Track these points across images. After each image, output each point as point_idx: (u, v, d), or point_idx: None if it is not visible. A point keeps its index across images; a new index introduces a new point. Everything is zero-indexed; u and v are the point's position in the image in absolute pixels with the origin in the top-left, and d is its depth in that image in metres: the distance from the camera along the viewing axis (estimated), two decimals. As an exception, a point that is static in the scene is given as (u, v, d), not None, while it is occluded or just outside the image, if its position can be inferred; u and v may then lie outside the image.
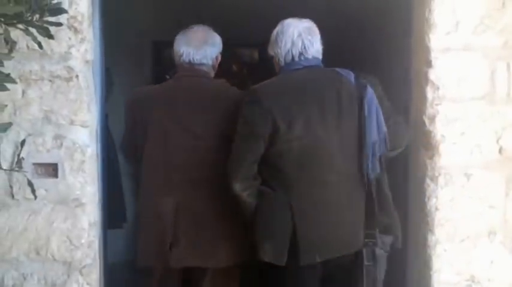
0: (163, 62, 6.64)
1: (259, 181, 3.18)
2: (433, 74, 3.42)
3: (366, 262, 3.18)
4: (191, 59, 3.47)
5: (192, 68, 3.48)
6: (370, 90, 3.13)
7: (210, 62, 3.53)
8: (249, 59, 7.72)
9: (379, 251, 3.20)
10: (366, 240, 3.17)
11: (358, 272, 3.17)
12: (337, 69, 3.21)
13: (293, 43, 3.22)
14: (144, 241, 3.45)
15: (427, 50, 3.43)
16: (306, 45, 3.21)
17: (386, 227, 3.22)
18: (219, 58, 3.61)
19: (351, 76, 3.18)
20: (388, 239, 3.25)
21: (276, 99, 3.10)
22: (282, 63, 3.27)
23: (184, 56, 3.48)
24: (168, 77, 4.02)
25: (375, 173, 3.16)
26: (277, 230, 3.13)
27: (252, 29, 6.04)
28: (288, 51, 3.23)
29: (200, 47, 3.49)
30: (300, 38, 3.22)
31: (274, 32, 3.32)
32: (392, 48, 4.10)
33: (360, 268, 3.16)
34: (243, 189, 3.16)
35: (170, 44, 4.84)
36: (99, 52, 3.47)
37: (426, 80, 3.44)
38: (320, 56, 3.26)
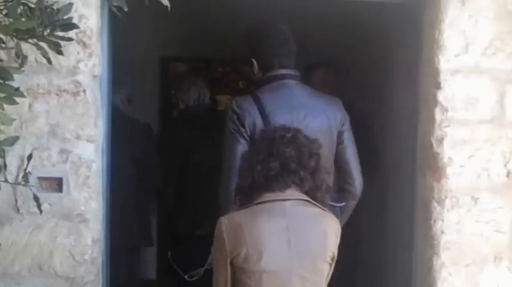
0: (168, 77, 6.67)
1: None
2: (441, 96, 3.41)
3: None
4: None
5: None
6: None
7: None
8: (255, 76, 7.76)
9: None
10: None
11: None
12: None
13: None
14: None
15: (436, 72, 3.42)
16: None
17: None
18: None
19: None
20: None
21: None
22: None
23: None
24: (173, 92, 4.71)
25: None
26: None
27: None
28: None
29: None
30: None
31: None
32: (401, 69, 4.09)
33: None
34: None
35: (176, 59, 4.82)
36: (107, 67, 3.45)
37: (435, 101, 3.43)
38: None
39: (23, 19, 1.97)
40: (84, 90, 3.20)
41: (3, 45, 2.19)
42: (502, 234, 3.49)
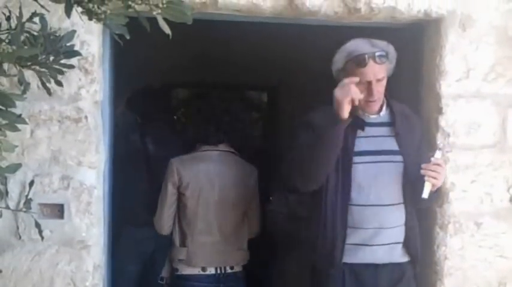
0: (171, 104, 6.66)
1: None
2: (443, 121, 3.41)
3: None
4: None
5: None
6: None
7: None
8: (258, 102, 7.76)
9: None
10: None
11: None
12: None
13: None
14: None
15: (437, 97, 3.43)
16: None
17: None
18: None
19: None
20: None
21: None
22: None
23: None
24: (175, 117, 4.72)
25: None
26: None
27: (261, 73, 6.08)
28: None
29: None
30: None
31: None
32: (402, 94, 4.07)
33: None
34: None
35: (178, 85, 4.84)
36: (109, 93, 3.46)
37: (436, 127, 3.43)
38: None
39: (26, 47, 1.96)
40: (86, 117, 3.19)
41: (5, 72, 2.18)
42: (506, 259, 3.47)
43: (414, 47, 3.68)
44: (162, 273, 3.84)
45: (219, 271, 3.73)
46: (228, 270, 3.75)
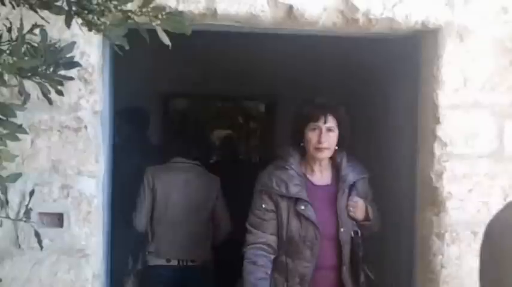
0: (170, 113, 6.68)
1: None
2: (440, 131, 3.43)
3: None
4: None
5: None
6: None
7: None
8: (255, 112, 7.78)
9: None
10: None
11: None
12: None
13: None
14: None
15: (434, 107, 3.44)
16: None
17: None
18: None
19: None
20: None
21: None
22: None
23: None
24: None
25: None
26: None
27: (259, 82, 6.09)
28: None
29: None
30: None
31: None
32: (400, 104, 4.10)
33: None
34: None
35: (177, 95, 4.87)
36: (108, 103, 3.48)
37: (434, 136, 3.44)
38: None
39: (27, 58, 1.98)
40: (86, 126, 3.21)
41: (6, 82, 2.20)
42: (503, 269, 3.47)
43: (412, 57, 3.70)
44: (138, 264, 4.60)
45: (180, 263, 4.48)
46: (189, 263, 4.51)
